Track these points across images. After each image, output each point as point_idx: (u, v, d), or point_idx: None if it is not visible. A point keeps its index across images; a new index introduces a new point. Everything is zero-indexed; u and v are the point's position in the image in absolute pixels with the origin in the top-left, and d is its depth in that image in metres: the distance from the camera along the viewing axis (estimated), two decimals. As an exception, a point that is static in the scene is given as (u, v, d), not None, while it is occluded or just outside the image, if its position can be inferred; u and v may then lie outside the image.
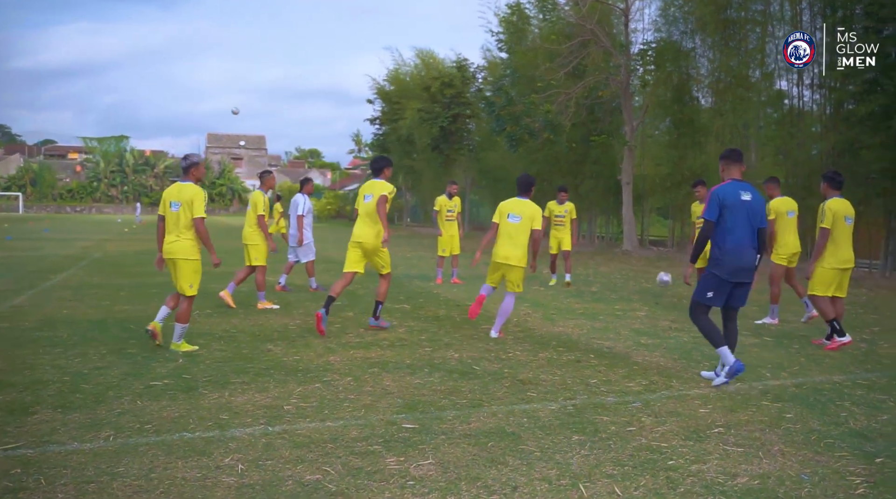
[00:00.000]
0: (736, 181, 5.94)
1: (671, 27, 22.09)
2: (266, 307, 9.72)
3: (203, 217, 6.73)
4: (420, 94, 34.59)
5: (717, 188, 5.93)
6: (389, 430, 4.59)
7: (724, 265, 5.84)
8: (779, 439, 4.54)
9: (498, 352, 7.05)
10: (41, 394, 5.25)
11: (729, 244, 5.82)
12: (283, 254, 13.27)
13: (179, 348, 6.78)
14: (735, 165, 6.03)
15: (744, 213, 5.83)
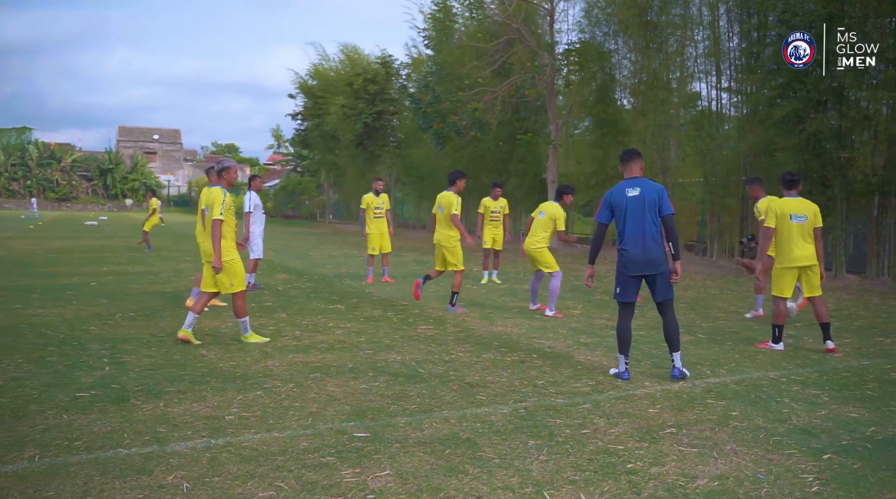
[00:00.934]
0: (627, 180, 6.09)
1: (595, 28, 22.49)
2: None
3: (219, 219, 6.94)
4: (344, 90, 34.09)
5: (607, 192, 6.20)
6: (340, 439, 4.40)
7: (624, 261, 6.01)
8: (729, 437, 4.61)
9: (441, 354, 6.94)
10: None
11: (625, 241, 5.99)
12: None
13: (249, 340, 7.14)
14: (631, 164, 6.13)
15: (634, 207, 5.95)
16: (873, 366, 6.86)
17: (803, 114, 14.96)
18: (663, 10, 19.95)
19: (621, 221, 6.00)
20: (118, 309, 9.16)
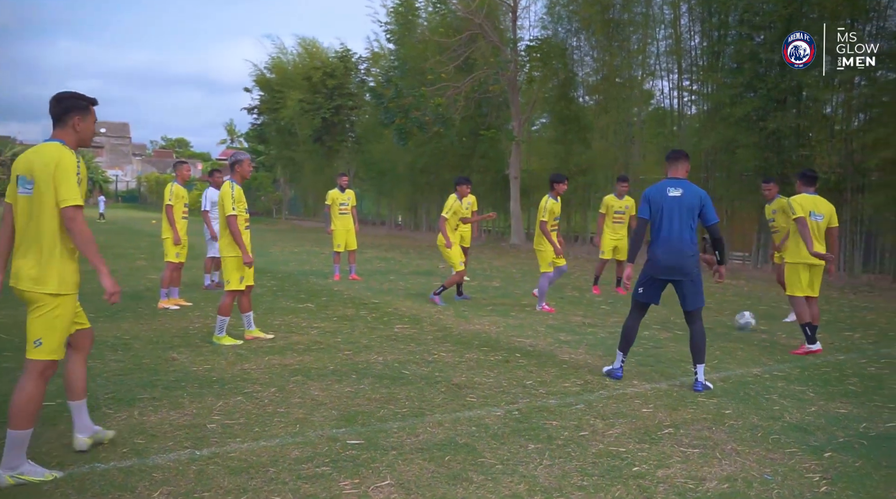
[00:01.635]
0: (670, 179, 5.83)
1: (557, 25, 22.50)
2: (164, 306, 8.97)
3: (233, 214, 6.83)
4: (301, 84, 33.51)
5: (647, 189, 5.93)
6: (333, 447, 4.20)
7: (653, 262, 5.78)
8: (728, 437, 4.55)
9: (423, 354, 6.76)
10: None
11: (658, 242, 5.75)
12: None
13: (221, 341, 6.91)
14: (677, 164, 5.86)
15: (672, 208, 5.68)
16: (849, 361, 6.94)
17: (763, 112, 15.19)
18: (625, 7, 20.06)
19: (657, 220, 5.74)
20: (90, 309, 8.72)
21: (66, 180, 3.61)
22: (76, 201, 3.62)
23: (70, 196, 3.60)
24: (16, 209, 3.75)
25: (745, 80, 15.28)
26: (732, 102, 15.62)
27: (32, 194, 3.68)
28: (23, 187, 3.71)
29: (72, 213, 3.60)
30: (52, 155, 3.66)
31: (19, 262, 3.70)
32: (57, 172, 3.62)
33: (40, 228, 3.67)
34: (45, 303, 3.66)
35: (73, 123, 3.81)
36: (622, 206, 11.52)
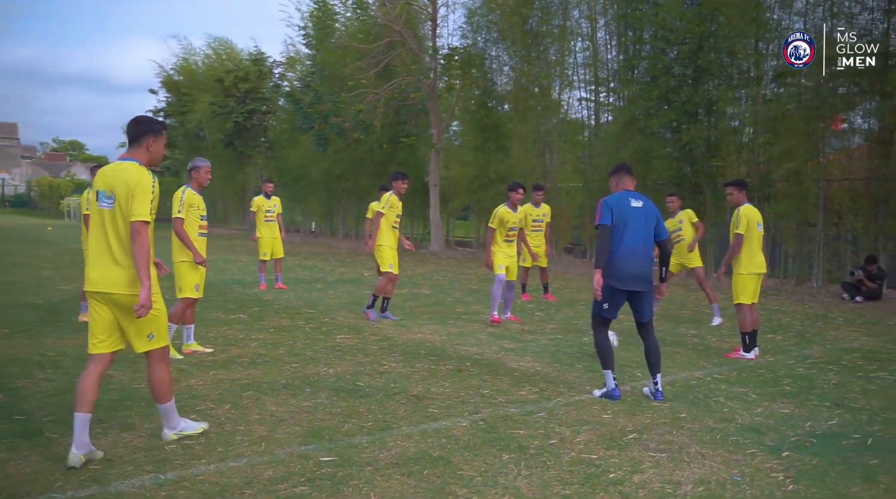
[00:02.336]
0: (627, 191, 5.84)
1: (476, 34, 22.79)
2: (84, 320, 8.43)
3: (177, 218, 6.68)
4: (212, 87, 32.49)
5: (607, 198, 5.80)
6: (306, 465, 4.05)
7: (617, 273, 5.61)
8: (689, 440, 4.69)
9: (373, 365, 6.65)
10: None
11: (622, 252, 5.62)
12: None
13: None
14: (626, 177, 5.92)
15: (637, 219, 5.67)
16: (778, 362, 7.30)
17: (678, 124, 15.88)
18: (543, 20, 20.53)
19: (621, 230, 5.61)
20: None
21: (142, 198, 3.99)
22: (145, 217, 3.99)
23: (141, 212, 3.97)
24: (94, 221, 4.11)
25: (660, 93, 15.91)
26: (648, 114, 16.24)
27: (112, 208, 4.05)
28: (103, 202, 4.09)
29: (139, 227, 3.96)
30: (132, 173, 4.04)
31: (106, 270, 4.07)
32: (136, 189, 3.99)
33: (121, 239, 4.05)
34: (130, 304, 4.05)
35: (147, 144, 4.21)
36: (539, 214, 11.67)
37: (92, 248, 4.13)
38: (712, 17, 15.27)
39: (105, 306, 4.14)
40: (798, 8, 15.01)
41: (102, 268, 4.08)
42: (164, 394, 4.34)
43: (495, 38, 22.33)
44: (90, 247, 4.15)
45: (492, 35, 22.47)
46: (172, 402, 4.42)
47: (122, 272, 4.05)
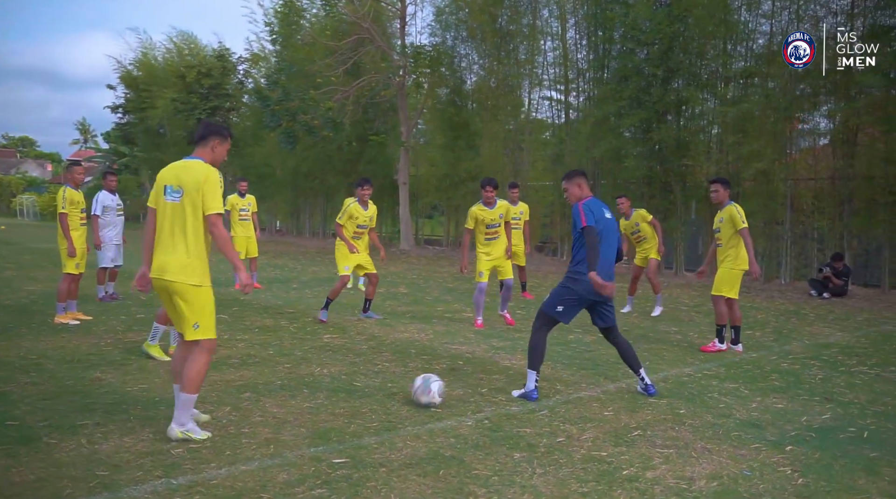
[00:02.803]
0: (595, 199, 5.72)
1: (445, 32, 22.76)
2: (62, 322, 8.21)
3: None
4: (174, 83, 31.81)
5: (585, 203, 5.57)
6: (320, 468, 4.00)
7: (586, 283, 5.42)
8: (693, 436, 4.75)
9: (366, 365, 6.59)
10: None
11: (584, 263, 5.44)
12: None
13: (150, 350, 6.54)
14: (586, 184, 5.80)
15: (610, 230, 5.63)
16: (762, 358, 7.45)
17: (648, 124, 16.10)
18: (513, 19, 20.60)
19: (603, 242, 5.46)
20: None
21: (213, 193, 4.33)
22: (219, 210, 4.35)
23: (214, 205, 4.32)
24: (160, 213, 4.41)
25: (631, 93, 16.10)
26: (619, 114, 16.43)
27: (179, 202, 4.35)
28: (170, 195, 4.39)
29: (214, 219, 4.34)
30: (200, 171, 4.39)
31: (165, 257, 4.35)
32: (206, 185, 4.33)
33: (185, 231, 4.35)
34: (191, 293, 4.33)
35: (212, 145, 4.59)
36: (516, 212, 11.67)
37: (157, 238, 4.41)
38: (682, 19, 15.50)
39: (165, 294, 4.42)
40: (765, 10, 15.31)
41: (162, 256, 4.37)
42: (192, 384, 4.38)
43: (464, 37, 22.31)
44: (157, 238, 4.42)
45: (461, 33, 22.44)
46: (194, 397, 4.44)
47: (177, 260, 4.33)
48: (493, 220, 8.73)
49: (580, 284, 5.49)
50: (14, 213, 53.80)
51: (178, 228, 4.35)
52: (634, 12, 15.93)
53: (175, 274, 4.32)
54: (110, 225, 10.18)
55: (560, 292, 5.61)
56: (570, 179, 5.82)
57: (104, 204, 10.05)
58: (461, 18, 22.33)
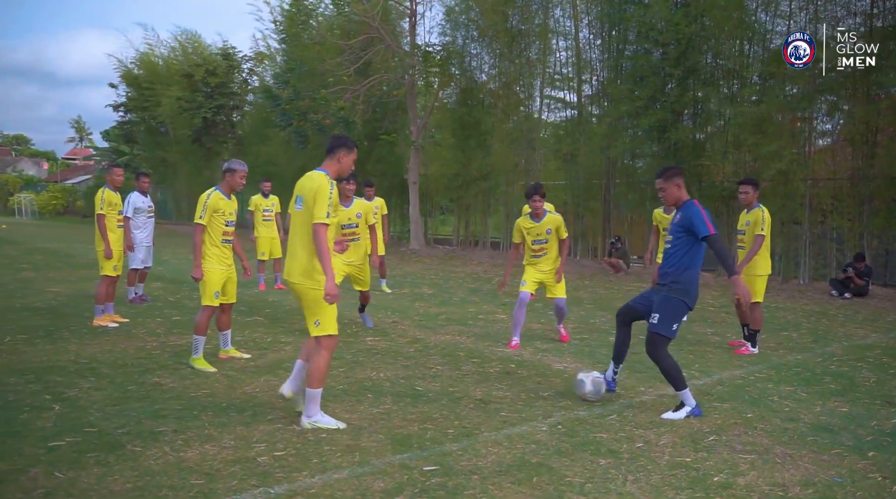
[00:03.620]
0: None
1: (455, 32, 22.69)
2: (101, 324, 8.17)
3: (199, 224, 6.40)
4: (179, 82, 31.66)
5: (698, 205, 5.33)
6: (412, 476, 3.98)
7: (695, 293, 5.34)
8: (770, 441, 4.75)
9: (419, 368, 6.57)
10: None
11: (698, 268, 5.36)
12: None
13: (195, 364, 6.34)
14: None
15: None
16: (808, 360, 7.46)
17: (665, 124, 16.09)
18: (525, 18, 20.55)
19: (700, 249, 5.29)
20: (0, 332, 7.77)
21: (321, 203, 4.59)
22: (323, 220, 4.59)
23: (320, 215, 4.58)
24: (291, 220, 4.91)
25: (649, 92, 16.10)
26: (636, 114, 16.42)
27: (301, 210, 4.76)
28: (297, 205, 4.82)
29: (317, 228, 4.58)
30: (315, 180, 4.73)
31: (291, 262, 4.81)
32: (317, 195, 4.62)
33: (306, 238, 4.70)
34: (311, 295, 4.67)
35: (339, 156, 4.85)
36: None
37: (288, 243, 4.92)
38: (699, 19, 15.51)
39: (294, 294, 4.89)
40: (783, 11, 15.32)
41: (289, 261, 4.83)
42: (315, 380, 4.69)
43: (475, 36, 22.25)
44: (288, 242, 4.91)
45: (471, 33, 22.38)
46: (320, 391, 4.74)
47: (297, 264, 4.74)
48: (539, 235, 7.72)
49: (691, 294, 5.28)
50: (11, 211, 53.46)
51: (300, 235, 4.76)
52: (652, 12, 15.92)
53: (298, 277, 4.71)
54: (141, 227, 10.13)
55: (674, 310, 5.25)
56: (669, 179, 5.45)
57: (135, 206, 9.99)
58: (471, 18, 22.28)
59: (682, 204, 5.44)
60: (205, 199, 6.49)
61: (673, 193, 5.46)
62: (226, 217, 6.59)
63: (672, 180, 5.46)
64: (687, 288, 5.25)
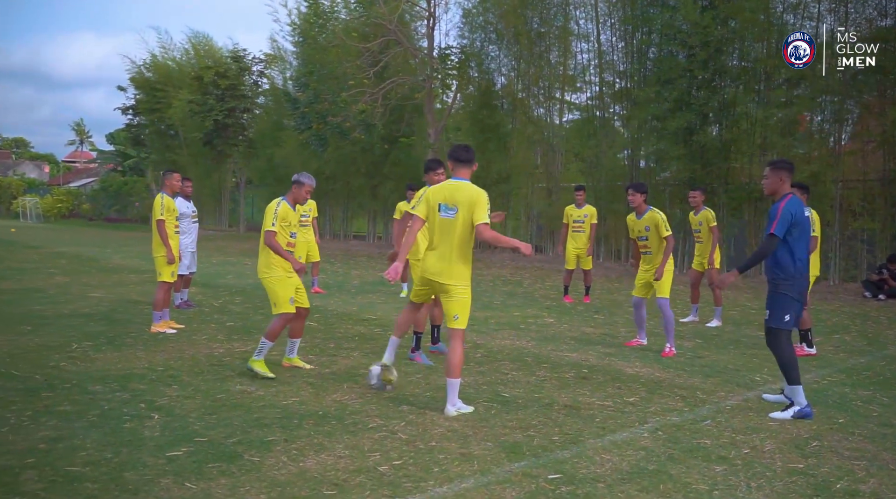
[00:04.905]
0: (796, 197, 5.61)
1: (473, 34, 22.71)
2: (160, 330, 8.15)
3: (270, 231, 6.36)
4: (190, 84, 31.61)
5: (787, 204, 5.42)
6: (538, 485, 3.98)
7: (800, 286, 5.49)
8: (875, 447, 4.77)
9: (494, 374, 6.57)
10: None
11: (802, 263, 5.46)
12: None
13: (254, 366, 6.26)
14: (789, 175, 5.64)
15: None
16: (871, 363, 7.50)
17: (693, 126, 16.13)
18: (545, 21, 20.58)
19: (803, 239, 5.46)
20: (62, 338, 7.73)
21: (482, 208, 5.28)
22: (486, 220, 5.28)
23: (483, 216, 5.26)
24: (431, 224, 5.42)
25: (676, 95, 16.14)
26: (664, 116, 16.45)
27: (453, 218, 5.29)
28: (444, 212, 5.35)
29: (483, 227, 5.25)
30: (472, 191, 5.34)
31: (440, 264, 5.34)
32: (478, 202, 5.29)
33: (454, 241, 5.30)
34: (454, 291, 5.33)
35: (473, 167, 5.51)
36: (581, 215, 11.74)
37: (428, 245, 5.48)
38: (726, 21, 15.56)
39: (428, 286, 5.53)
40: (811, 12, 15.38)
41: (436, 263, 5.35)
42: (454, 369, 5.24)
43: (494, 38, 22.26)
44: (430, 243, 5.44)
45: (489, 35, 22.39)
46: (458, 381, 5.28)
47: (444, 267, 5.30)
48: (640, 232, 7.73)
49: (794, 287, 5.45)
50: (16, 215, 53.30)
51: (448, 239, 5.29)
52: (679, 15, 15.96)
53: (446, 278, 5.29)
54: (185, 232, 10.09)
55: (781, 302, 5.46)
56: (781, 170, 5.57)
57: (180, 211, 9.96)
58: (489, 20, 22.29)
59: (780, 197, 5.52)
60: (274, 207, 6.46)
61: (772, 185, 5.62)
62: (291, 228, 6.58)
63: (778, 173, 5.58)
64: (789, 283, 5.44)
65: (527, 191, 21.73)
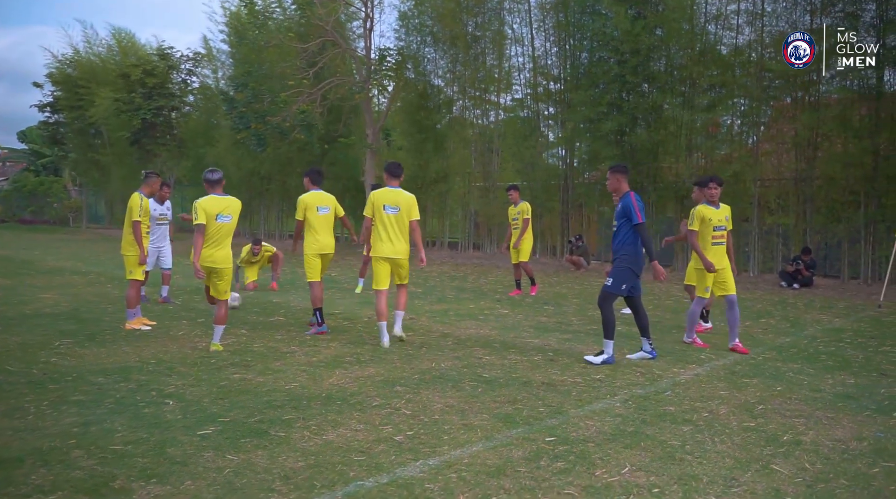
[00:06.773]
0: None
1: (410, 37, 23.20)
2: (134, 328, 8.33)
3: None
4: (115, 82, 30.80)
5: (635, 198, 7.03)
6: (540, 446, 4.57)
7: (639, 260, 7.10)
8: (809, 407, 5.58)
9: (471, 359, 7.12)
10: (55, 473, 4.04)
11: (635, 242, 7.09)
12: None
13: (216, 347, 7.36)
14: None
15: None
16: (796, 342, 8.44)
17: (625, 128, 17.16)
18: (482, 25, 21.29)
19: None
20: (39, 336, 7.83)
21: (415, 208, 7.87)
22: (418, 217, 7.88)
23: (416, 214, 7.86)
24: (379, 220, 7.70)
25: (609, 99, 17.12)
26: (598, 119, 17.40)
27: (398, 214, 7.69)
28: (390, 210, 7.69)
29: (415, 223, 7.83)
30: (407, 195, 7.86)
31: (397, 246, 7.67)
32: (412, 204, 7.82)
33: (403, 231, 7.71)
34: (406, 263, 7.82)
35: (401, 179, 7.87)
36: (515, 212, 12.44)
37: (385, 233, 7.60)
38: (654, 30, 16.63)
39: (388, 264, 7.69)
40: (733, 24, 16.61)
41: (394, 245, 7.62)
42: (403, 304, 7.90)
43: (430, 41, 22.82)
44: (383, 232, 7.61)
45: (426, 38, 22.93)
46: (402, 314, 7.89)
47: (403, 247, 7.67)
48: (719, 221, 7.85)
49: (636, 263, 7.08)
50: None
51: (400, 230, 7.64)
52: (612, 23, 16.92)
53: (404, 255, 7.65)
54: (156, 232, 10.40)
55: (622, 274, 7.03)
56: (622, 173, 7.27)
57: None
58: (425, 23, 22.83)
59: (622, 195, 7.14)
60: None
61: (613, 185, 7.29)
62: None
63: (615, 175, 7.26)
64: (633, 259, 7.01)
65: (464, 190, 22.42)
